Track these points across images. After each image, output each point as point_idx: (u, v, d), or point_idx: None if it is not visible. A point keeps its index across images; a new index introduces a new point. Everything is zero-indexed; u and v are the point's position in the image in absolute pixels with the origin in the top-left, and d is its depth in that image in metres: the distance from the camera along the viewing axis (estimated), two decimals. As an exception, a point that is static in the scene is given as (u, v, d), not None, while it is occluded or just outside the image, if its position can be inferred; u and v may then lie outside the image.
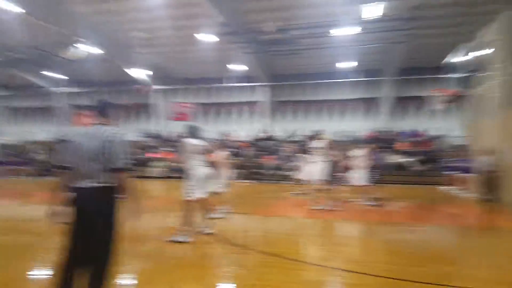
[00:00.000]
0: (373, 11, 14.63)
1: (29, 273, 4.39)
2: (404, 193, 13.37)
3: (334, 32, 17.12)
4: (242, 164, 20.12)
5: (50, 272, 3.85)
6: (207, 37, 17.68)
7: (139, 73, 24.17)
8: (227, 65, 22.93)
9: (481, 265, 5.04)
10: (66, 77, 25.78)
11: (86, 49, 17.97)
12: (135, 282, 4.16)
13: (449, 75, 15.16)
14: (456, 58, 14.15)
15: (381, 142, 21.30)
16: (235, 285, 4.06)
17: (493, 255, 5.63)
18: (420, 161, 19.31)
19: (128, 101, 21.59)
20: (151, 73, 24.73)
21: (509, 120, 10.57)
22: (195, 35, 17.33)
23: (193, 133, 6.09)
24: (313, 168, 9.02)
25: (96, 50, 18.55)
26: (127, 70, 23.29)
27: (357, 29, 16.54)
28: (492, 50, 12.09)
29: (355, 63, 22.48)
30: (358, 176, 9.93)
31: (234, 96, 26.90)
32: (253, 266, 4.73)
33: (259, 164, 20.74)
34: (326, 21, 16.39)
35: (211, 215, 6.99)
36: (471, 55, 13.33)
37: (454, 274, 4.59)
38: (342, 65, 22.82)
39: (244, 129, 25.52)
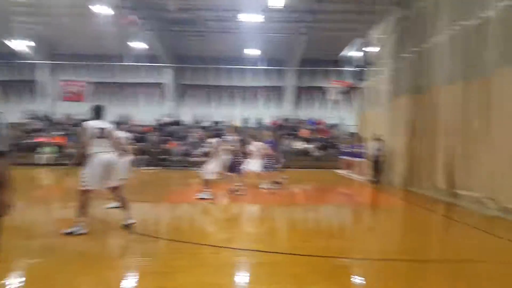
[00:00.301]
0: (277, 1, 15.09)
1: None
2: (305, 177, 14.24)
3: (241, 17, 17.20)
4: (146, 150, 19.20)
5: None
6: (102, 9, 15.84)
7: (19, 45, 21.00)
8: (127, 43, 21.20)
9: (367, 238, 5.62)
10: None
11: None
12: (27, 279, 3.59)
13: (345, 68, 16.47)
14: (351, 53, 15.42)
15: (285, 130, 22.42)
16: (143, 274, 3.80)
17: (377, 230, 6.34)
18: (320, 147, 20.83)
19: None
20: (33, 44, 21.64)
21: (394, 111, 11.96)
22: (90, 6, 15.57)
23: (98, 114, 5.43)
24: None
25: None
26: (4, 41, 20.07)
27: (261, 17, 16.91)
28: (380, 47, 13.48)
29: (260, 51, 23.05)
30: (257, 163, 10.30)
31: (135, 76, 25.14)
32: (160, 254, 4.48)
33: (165, 150, 20.00)
34: (232, 5, 16.33)
35: (111, 205, 6.47)
36: (364, 50, 14.65)
37: (345, 247, 5.00)
38: (248, 52, 23.18)
39: (146, 112, 24.18)
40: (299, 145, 20.76)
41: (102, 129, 5.21)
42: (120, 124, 8.22)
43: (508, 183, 6.53)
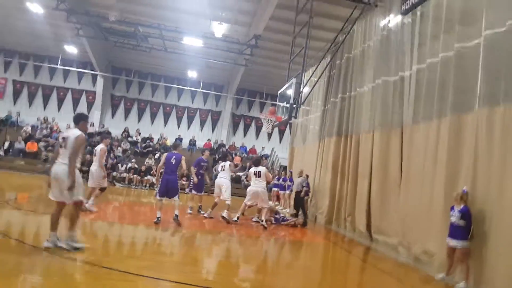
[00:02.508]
0: (220, 30, 15.55)
1: None
2: (234, 205, 14.03)
3: (185, 40, 17.29)
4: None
5: None
6: (37, 8, 15.73)
7: None
8: (59, 45, 20.49)
9: (288, 275, 5.63)
10: None
11: None
12: None
13: (279, 103, 17.14)
14: (287, 90, 16.13)
15: (219, 154, 22.32)
16: None
17: (298, 267, 6.44)
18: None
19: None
20: None
21: (321, 150, 12.58)
22: (27, 3, 14.94)
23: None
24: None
25: None
26: None
27: (202, 43, 17.21)
28: (313, 88, 14.30)
29: (201, 75, 23.16)
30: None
31: (63, 81, 23.70)
32: (65, 275, 4.12)
33: (87, 161, 18.49)
34: (176, 27, 16.39)
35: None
36: (298, 89, 15.39)
37: (265, 283, 4.98)
38: (190, 73, 23.17)
39: (68, 120, 22.65)
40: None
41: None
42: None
43: (419, 232, 6.96)
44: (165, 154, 8.36)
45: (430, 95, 7.06)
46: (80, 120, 5.12)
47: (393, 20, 8.74)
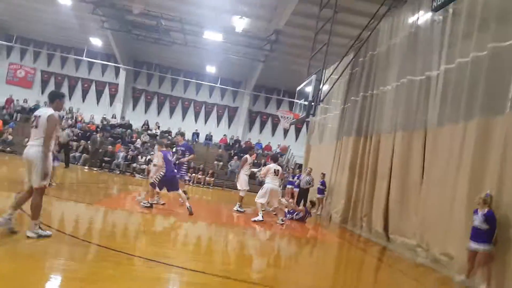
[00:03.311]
0: (240, 24, 15.54)
1: None
2: (248, 200, 14.07)
3: (206, 34, 17.35)
4: (86, 148, 18.35)
5: None
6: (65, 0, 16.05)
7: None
8: (85, 37, 20.86)
9: (302, 271, 5.63)
10: None
11: None
12: None
13: (297, 100, 17.02)
14: (305, 87, 15.99)
15: (232, 149, 22.40)
16: (66, 278, 3.50)
17: (312, 264, 6.42)
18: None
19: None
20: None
21: (339, 149, 12.44)
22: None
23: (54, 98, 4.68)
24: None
25: None
26: None
27: (223, 37, 17.20)
28: (333, 86, 14.15)
29: (219, 70, 23.22)
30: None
31: (88, 72, 24.14)
32: (87, 259, 4.22)
33: (110, 152, 18.99)
34: (197, 22, 16.45)
35: None
36: (317, 87, 15.25)
37: (280, 277, 4.96)
38: (208, 68, 23.26)
39: (93, 110, 23.31)
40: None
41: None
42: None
43: (438, 234, 6.83)
44: (160, 153, 8.38)
45: (458, 97, 6.87)
46: (55, 98, 4.70)
47: (423, 17, 8.52)
